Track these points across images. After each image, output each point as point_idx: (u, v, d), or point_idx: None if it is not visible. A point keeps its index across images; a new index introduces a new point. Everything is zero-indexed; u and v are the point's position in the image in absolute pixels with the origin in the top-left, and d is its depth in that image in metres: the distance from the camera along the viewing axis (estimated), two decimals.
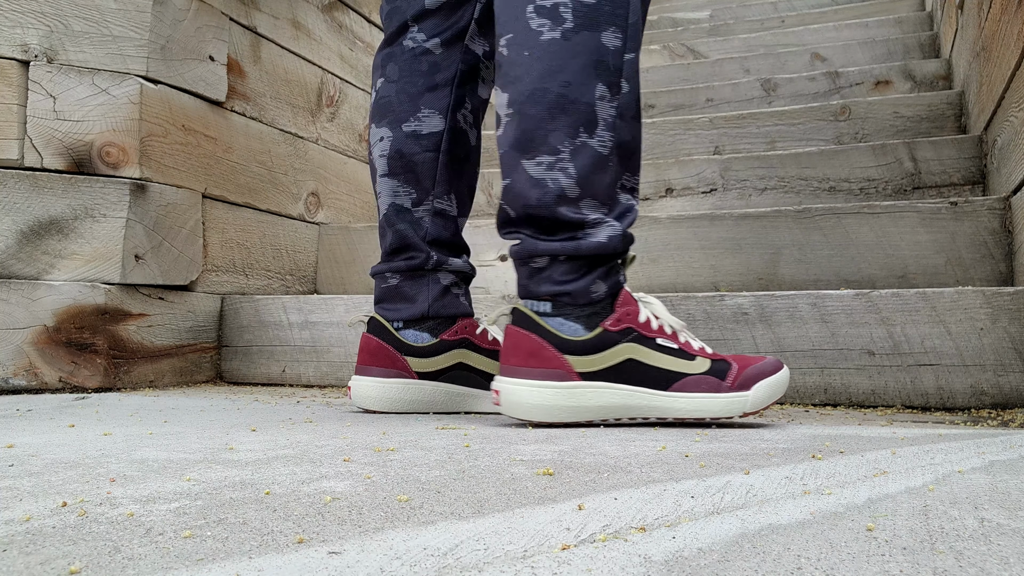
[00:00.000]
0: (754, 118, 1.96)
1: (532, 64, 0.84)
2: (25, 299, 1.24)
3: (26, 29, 1.28)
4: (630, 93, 0.86)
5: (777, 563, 0.36)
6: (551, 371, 0.83)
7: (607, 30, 0.84)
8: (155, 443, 0.72)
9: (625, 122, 0.86)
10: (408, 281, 1.03)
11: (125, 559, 0.37)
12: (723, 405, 0.86)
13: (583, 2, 0.84)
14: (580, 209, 0.85)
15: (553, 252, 0.85)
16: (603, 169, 0.85)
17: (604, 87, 0.84)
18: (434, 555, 0.37)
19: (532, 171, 0.84)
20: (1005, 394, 1.04)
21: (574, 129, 0.84)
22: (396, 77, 1.03)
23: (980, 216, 1.31)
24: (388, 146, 1.03)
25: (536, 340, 0.84)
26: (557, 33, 0.84)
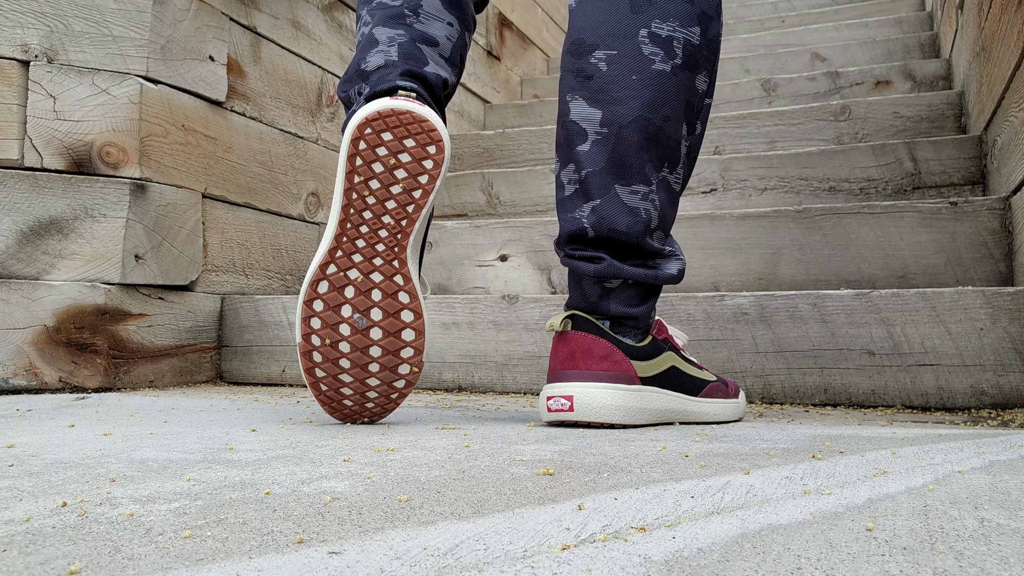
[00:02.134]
0: (754, 118, 1.96)
1: (640, 91, 0.84)
2: (25, 299, 1.24)
3: (26, 29, 1.28)
4: (699, 136, 0.90)
5: (777, 563, 0.36)
6: (622, 375, 0.86)
7: (701, 73, 0.87)
8: (155, 443, 0.72)
9: (690, 161, 0.90)
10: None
11: (125, 559, 0.37)
12: (734, 410, 0.94)
13: (691, 42, 0.85)
14: (655, 241, 0.88)
15: (634, 277, 0.87)
16: (674, 205, 0.89)
17: (687, 127, 0.87)
18: (434, 555, 0.37)
19: (626, 198, 0.85)
20: (1005, 394, 1.04)
21: (661, 163, 0.86)
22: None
23: (980, 216, 1.31)
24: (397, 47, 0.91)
25: (607, 344, 0.86)
26: (667, 67, 0.84)
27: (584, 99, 0.86)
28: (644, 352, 0.88)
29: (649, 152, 0.85)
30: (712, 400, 0.92)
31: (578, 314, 0.86)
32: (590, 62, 0.85)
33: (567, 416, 0.84)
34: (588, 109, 0.85)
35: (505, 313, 1.32)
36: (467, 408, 1.08)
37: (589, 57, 0.85)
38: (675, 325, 1.21)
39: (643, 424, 0.87)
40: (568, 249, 0.89)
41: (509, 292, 1.53)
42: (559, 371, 0.85)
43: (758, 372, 1.16)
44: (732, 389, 0.95)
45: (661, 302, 1.23)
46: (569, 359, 0.85)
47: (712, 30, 0.87)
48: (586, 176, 0.86)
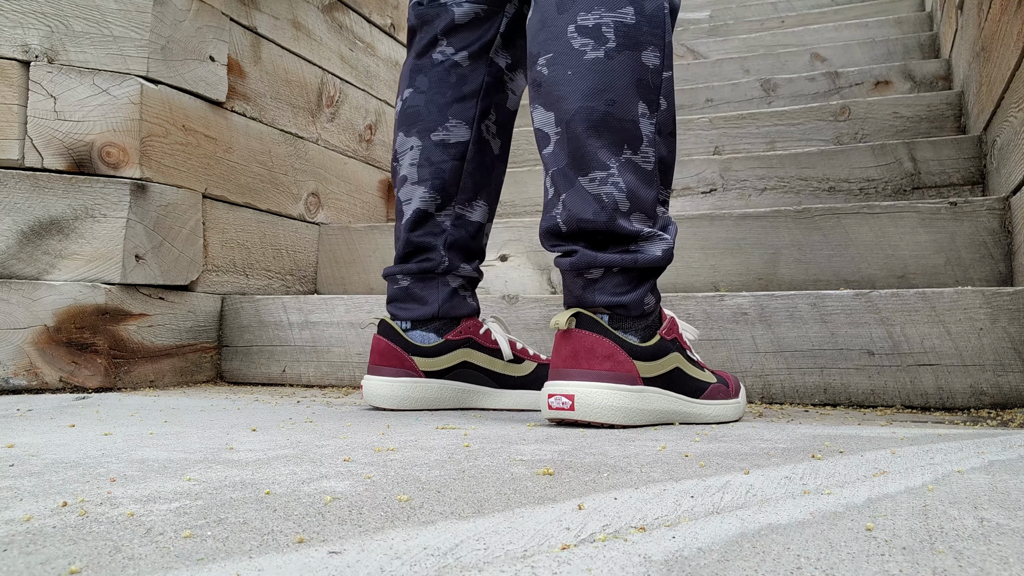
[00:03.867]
0: (754, 118, 1.96)
1: (576, 83, 0.86)
2: (25, 299, 1.24)
3: (27, 29, 1.28)
4: (667, 110, 0.90)
5: (777, 563, 0.36)
6: (624, 375, 0.86)
7: (647, 49, 0.86)
8: (155, 443, 0.72)
9: (663, 138, 0.90)
10: (419, 283, 1.07)
11: (125, 559, 0.37)
12: (734, 410, 0.94)
13: (624, 23, 0.86)
14: (632, 223, 0.87)
15: (610, 264, 0.87)
16: (648, 184, 0.88)
17: (644, 105, 0.87)
18: (434, 555, 0.37)
19: (588, 187, 0.87)
20: (1004, 394, 1.04)
21: (619, 146, 0.86)
22: (426, 88, 1.08)
23: (979, 216, 1.31)
24: (418, 155, 1.07)
25: (610, 344, 0.86)
26: (600, 53, 0.86)
27: (541, 105, 0.90)
28: (649, 352, 0.88)
29: (600, 138, 0.86)
30: (713, 402, 0.92)
31: (583, 312, 0.87)
32: (536, 70, 0.90)
33: (567, 415, 0.84)
34: (545, 114, 0.89)
35: (505, 313, 1.32)
36: (467, 408, 1.08)
37: (535, 66, 0.90)
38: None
39: (643, 424, 0.87)
40: (548, 247, 0.92)
41: (509, 292, 1.53)
42: (561, 369, 0.86)
43: (758, 372, 1.16)
44: (733, 388, 0.95)
45: (662, 302, 1.23)
46: (572, 358, 0.86)
47: (650, 5, 0.87)
48: (553, 175, 0.89)
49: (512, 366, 1.08)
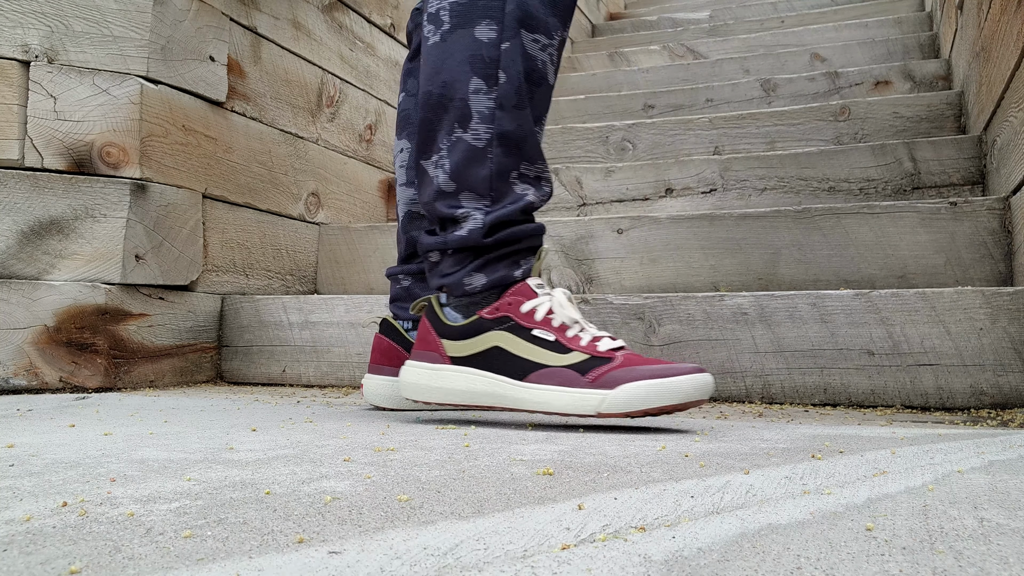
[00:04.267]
0: (754, 118, 1.96)
1: (424, 71, 0.89)
2: (25, 299, 1.24)
3: (27, 29, 1.28)
4: (509, 83, 0.86)
5: (777, 563, 0.36)
6: (429, 353, 0.89)
7: (480, 24, 0.86)
8: (155, 443, 0.72)
9: (507, 112, 0.86)
10: (419, 283, 1.08)
11: (125, 559, 0.37)
12: (569, 401, 0.81)
13: (458, 2, 0.87)
14: (460, 203, 0.87)
15: (429, 247, 0.90)
16: (479, 162, 0.86)
17: (480, 80, 0.86)
18: (434, 555, 0.37)
19: (428, 171, 0.89)
20: (1004, 394, 1.04)
21: (451, 125, 0.87)
22: (415, 91, 1.08)
23: (979, 216, 1.31)
24: (407, 157, 1.08)
25: (426, 325, 0.90)
26: (438, 37, 0.88)
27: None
28: (458, 332, 0.87)
29: (437, 121, 0.88)
30: (539, 387, 0.82)
31: (430, 298, 0.92)
32: None
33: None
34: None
35: None
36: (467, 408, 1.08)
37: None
38: (675, 325, 1.21)
39: (449, 405, 0.88)
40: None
41: None
42: None
43: (758, 372, 1.16)
44: (594, 379, 0.80)
45: (662, 302, 1.23)
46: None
47: None
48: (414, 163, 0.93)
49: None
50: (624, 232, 1.53)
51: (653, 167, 1.81)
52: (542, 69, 0.88)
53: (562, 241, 1.56)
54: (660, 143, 2.04)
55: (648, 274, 1.50)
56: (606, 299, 1.25)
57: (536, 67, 0.87)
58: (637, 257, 1.51)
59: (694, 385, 0.79)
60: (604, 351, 0.83)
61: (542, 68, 0.88)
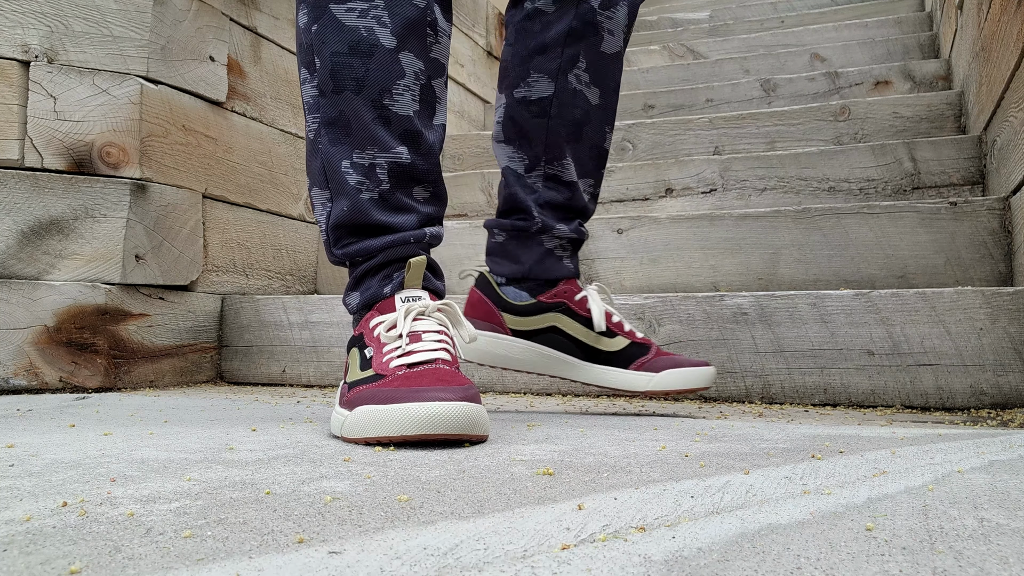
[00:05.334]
0: (754, 118, 1.96)
1: None
2: (25, 299, 1.24)
3: (27, 29, 1.28)
4: (323, 67, 0.80)
5: (777, 563, 0.36)
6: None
7: (301, 11, 0.82)
8: (155, 443, 0.72)
9: (327, 98, 0.81)
10: (514, 240, 1.03)
11: (125, 559, 0.37)
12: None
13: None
14: (312, 198, 0.87)
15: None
16: (312, 154, 0.84)
17: (304, 69, 0.83)
18: (434, 555, 0.37)
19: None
20: (1004, 394, 1.04)
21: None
22: (512, 40, 1.02)
23: (979, 216, 1.31)
24: (503, 112, 1.02)
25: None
26: None
27: None
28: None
29: None
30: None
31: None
32: None
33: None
34: None
35: None
36: None
37: None
38: (675, 325, 1.21)
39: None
40: None
41: None
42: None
43: (758, 372, 1.16)
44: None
45: (662, 302, 1.23)
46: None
47: None
48: None
49: (603, 339, 1.01)
50: (624, 232, 1.53)
51: (653, 167, 1.81)
52: (369, 37, 0.79)
53: None
54: (660, 143, 2.04)
55: (648, 274, 1.50)
56: None
57: (361, 36, 0.79)
58: (637, 257, 1.51)
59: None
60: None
61: (369, 35, 0.79)
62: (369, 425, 0.69)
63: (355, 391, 0.74)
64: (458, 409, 0.67)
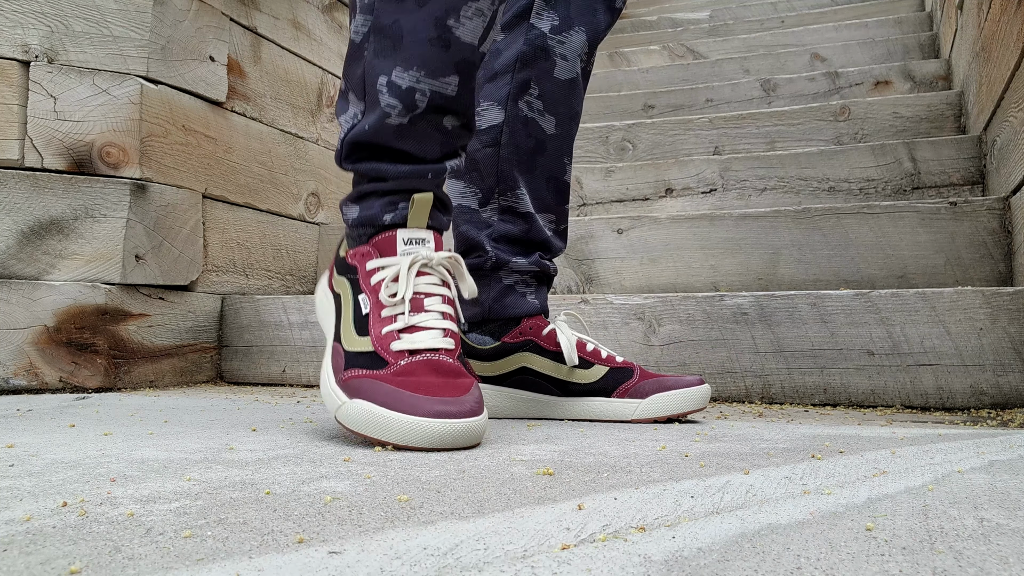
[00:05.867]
0: (754, 118, 1.96)
1: None
2: (25, 299, 1.24)
3: (27, 29, 1.28)
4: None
5: (777, 563, 0.36)
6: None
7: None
8: (155, 443, 0.72)
9: (387, 3, 0.73)
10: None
11: (125, 559, 0.37)
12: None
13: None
14: (346, 104, 0.77)
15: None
16: (355, 58, 0.75)
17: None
18: (434, 555, 0.37)
19: None
20: (1004, 394, 1.04)
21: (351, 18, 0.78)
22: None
23: (979, 216, 1.31)
24: None
25: None
26: None
27: None
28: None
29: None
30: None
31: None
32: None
33: None
34: None
35: None
36: None
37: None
38: (675, 325, 1.21)
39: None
40: None
41: None
42: None
43: (758, 372, 1.16)
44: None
45: (662, 302, 1.23)
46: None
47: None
48: None
49: (577, 371, 0.93)
50: (624, 232, 1.53)
51: (653, 167, 1.81)
52: None
53: None
54: (660, 143, 2.04)
55: (648, 274, 1.50)
56: (606, 299, 1.25)
57: None
58: (637, 257, 1.51)
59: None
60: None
61: None
62: (369, 426, 0.68)
63: (353, 373, 0.70)
64: (462, 427, 0.66)
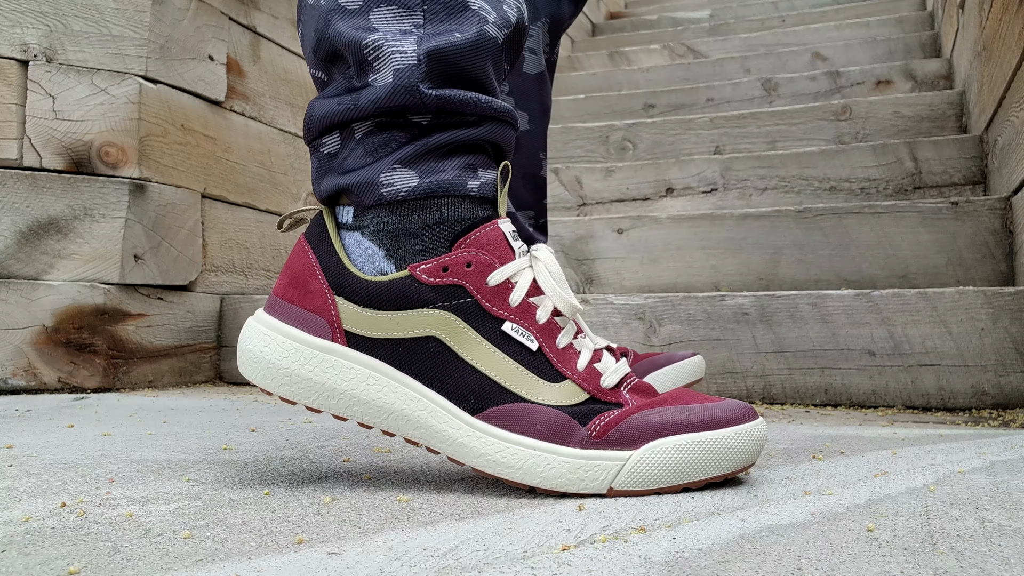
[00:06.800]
0: (755, 118, 1.96)
1: None
2: (24, 299, 1.24)
3: (25, 29, 1.28)
4: None
5: (777, 564, 0.36)
6: (307, 316, 0.52)
7: None
8: (154, 443, 0.71)
9: None
10: None
11: (124, 560, 0.37)
12: (563, 471, 0.49)
13: None
14: (370, 23, 0.51)
15: (326, 120, 0.53)
16: None
17: None
18: (434, 556, 0.37)
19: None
20: (1006, 394, 1.04)
21: None
22: None
23: (981, 216, 1.31)
24: None
25: (310, 261, 0.53)
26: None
27: None
28: (376, 293, 0.51)
29: None
30: (502, 434, 0.50)
31: (323, 210, 0.55)
32: None
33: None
34: None
35: None
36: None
37: None
38: (675, 325, 1.21)
39: (332, 411, 0.52)
40: None
41: None
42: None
43: (758, 372, 1.15)
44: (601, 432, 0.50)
45: (663, 302, 1.22)
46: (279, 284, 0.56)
47: None
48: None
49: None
50: (624, 232, 1.53)
51: (653, 167, 1.81)
52: None
53: (562, 241, 1.56)
54: (660, 143, 2.04)
55: (648, 274, 1.50)
56: (606, 299, 1.25)
57: None
58: (637, 257, 1.51)
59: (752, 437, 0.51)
60: (609, 389, 0.52)
61: None
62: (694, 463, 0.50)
63: (604, 420, 0.50)
64: (764, 430, 0.52)
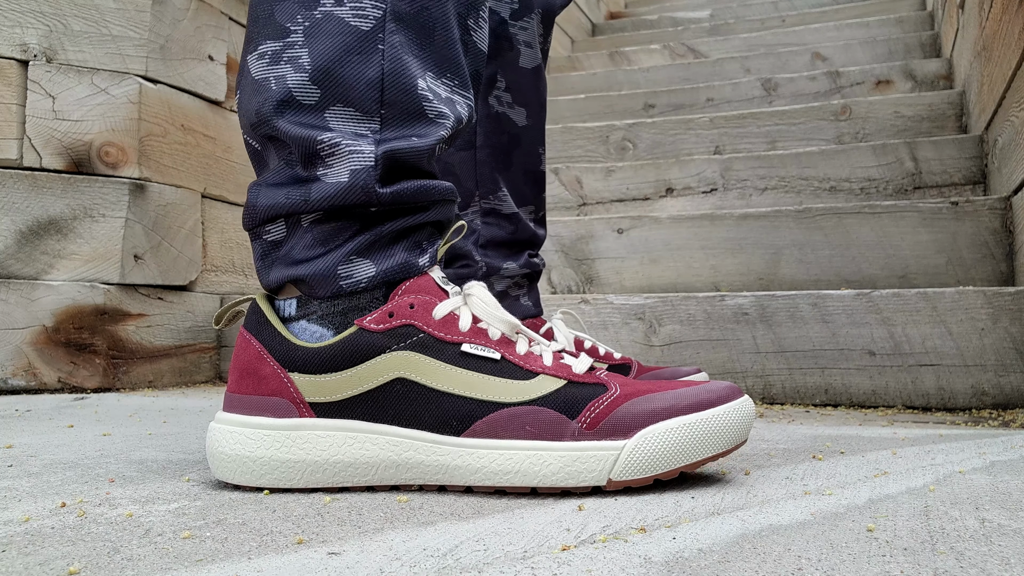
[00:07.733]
0: (755, 118, 1.96)
1: None
2: (24, 299, 1.24)
3: (25, 29, 1.28)
4: None
5: (777, 564, 0.36)
6: (268, 401, 0.52)
7: None
8: (154, 444, 0.71)
9: None
10: None
11: (124, 560, 0.37)
12: (559, 467, 0.50)
13: None
14: (326, 122, 0.54)
15: (277, 209, 0.54)
16: (361, 54, 0.53)
17: None
18: (434, 556, 0.37)
19: (254, 69, 0.55)
20: (1006, 394, 1.04)
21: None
22: None
23: (981, 216, 1.31)
24: None
25: (256, 348, 0.54)
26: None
27: None
28: (327, 357, 0.52)
29: None
30: (490, 443, 0.51)
31: (255, 298, 0.56)
32: None
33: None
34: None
35: None
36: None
37: None
38: (675, 325, 1.21)
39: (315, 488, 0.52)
40: None
41: None
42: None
43: (758, 372, 1.15)
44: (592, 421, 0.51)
45: (663, 302, 1.22)
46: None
47: None
48: None
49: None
50: (624, 232, 1.53)
51: (654, 167, 1.81)
52: None
53: (562, 241, 1.56)
54: (660, 143, 2.04)
55: (648, 274, 1.50)
56: (606, 299, 1.25)
57: None
58: (637, 257, 1.51)
59: (738, 414, 0.52)
60: (583, 373, 0.53)
61: None
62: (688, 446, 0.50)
63: (596, 408, 0.51)
64: (751, 407, 0.53)
